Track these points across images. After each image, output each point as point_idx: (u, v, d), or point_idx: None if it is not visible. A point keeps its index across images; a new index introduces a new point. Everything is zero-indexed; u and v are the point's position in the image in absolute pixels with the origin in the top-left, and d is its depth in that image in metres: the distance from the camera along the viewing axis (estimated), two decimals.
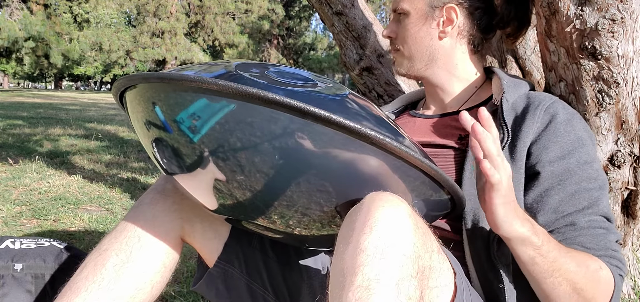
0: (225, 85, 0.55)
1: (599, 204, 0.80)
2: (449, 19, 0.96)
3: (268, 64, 0.72)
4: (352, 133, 0.56)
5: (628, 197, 1.09)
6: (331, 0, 1.61)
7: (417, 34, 0.97)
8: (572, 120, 0.85)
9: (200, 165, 0.63)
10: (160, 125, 0.64)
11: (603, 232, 0.79)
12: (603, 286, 0.75)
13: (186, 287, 1.55)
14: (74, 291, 0.78)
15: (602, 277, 0.75)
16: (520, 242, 0.70)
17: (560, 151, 0.82)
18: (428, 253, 0.60)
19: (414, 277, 0.55)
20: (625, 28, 0.92)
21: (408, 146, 0.60)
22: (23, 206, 2.42)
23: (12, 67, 26.01)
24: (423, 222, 0.61)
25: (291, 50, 27.43)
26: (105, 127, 6.39)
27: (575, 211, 0.79)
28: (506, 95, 0.89)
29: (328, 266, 0.90)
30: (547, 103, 0.86)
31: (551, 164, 0.81)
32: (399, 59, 1.02)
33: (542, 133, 0.83)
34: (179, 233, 0.87)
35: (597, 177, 0.82)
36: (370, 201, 0.59)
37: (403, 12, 0.98)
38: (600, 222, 0.80)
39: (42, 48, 18.78)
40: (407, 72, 1.02)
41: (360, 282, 0.52)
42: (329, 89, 0.67)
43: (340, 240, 0.59)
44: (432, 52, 0.98)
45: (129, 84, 0.67)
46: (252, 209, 0.66)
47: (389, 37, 1.03)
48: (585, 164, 0.81)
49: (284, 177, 0.60)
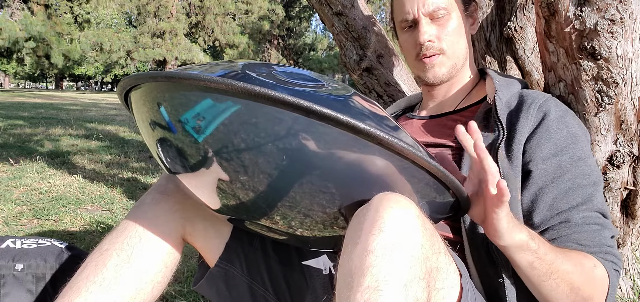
0: (234, 84, 0.55)
1: (593, 200, 0.81)
2: (474, 17, 1.01)
3: (273, 64, 0.72)
4: (362, 134, 0.56)
5: (627, 197, 1.09)
6: (331, 1, 1.61)
7: (461, 31, 0.99)
8: (565, 116, 0.86)
9: (204, 165, 0.63)
10: (164, 126, 0.64)
11: (597, 229, 0.79)
12: (599, 283, 0.75)
13: (187, 287, 1.55)
14: (74, 291, 0.78)
15: (598, 275, 0.76)
16: (519, 249, 0.71)
17: (553, 148, 0.82)
18: (435, 255, 0.60)
19: (421, 278, 0.55)
20: (625, 28, 0.93)
21: (414, 147, 0.60)
22: (24, 205, 2.43)
23: (12, 68, 26.04)
24: (430, 224, 0.61)
25: (291, 51, 27.42)
26: (106, 127, 6.40)
27: (569, 208, 0.80)
28: (499, 94, 0.90)
29: (330, 266, 0.90)
30: (539, 100, 0.87)
31: (544, 162, 0.82)
32: (443, 62, 0.98)
33: (535, 130, 0.84)
34: (180, 233, 0.87)
35: (590, 174, 0.82)
36: (379, 201, 0.59)
37: (447, 12, 0.96)
38: (595, 218, 0.80)
39: (42, 48, 18.77)
40: (449, 74, 1.00)
41: (368, 283, 0.52)
42: (335, 89, 0.67)
43: (348, 240, 0.59)
44: (467, 49, 1.01)
45: (134, 84, 0.67)
46: (255, 210, 0.67)
47: (430, 42, 0.97)
48: (578, 160, 0.82)
49: (288, 178, 0.60)
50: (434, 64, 0.99)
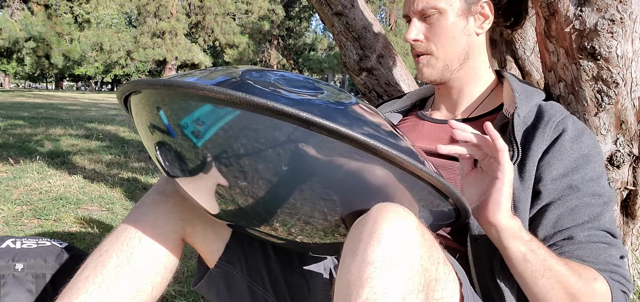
0: (233, 95, 0.55)
1: (601, 219, 0.78)
2: (484, 14, 0.94)
3: (273, 70, 0.72)
4: (360, 145, 0.56)
5: (627, 197, 1.09)
6: (331, 1, 1.61)
7: (456, 32, 0.92)
8: (581, 136, 0.83)
9: (202, 170, 0.63)
10: (163, 129, 0.64)
11: (604, 247, 0.77)
12: (598, 297, 0.72)
13: (186, 287, 1.55)
14: (74, 292, 0.78)
15: (598, 288, 0.73)
16: (512, 235, 0.70)
17: (564, 169, 0.80)
18: (434, 265, 0.59)
19: (420, 290, 0.55)
20: (625, 28, 0.93)
21: (413, 157, 0.60)
22: (24, 205, 2.43)
23: (13, 68, 26.04)
24: (429, 234, 0.61)
25: (291, 51, 27.42)
26: (106, 127, 6.40)
27: (574, 226, 0.78)
28: (518, 110, 0.86)
29: (330, 268, 0.90)
30: (557, 119, 0.85)
31: (553, 182, 0.80)
32: (431, 62, 0.95)
33: (549, 149, 0.82)
34: (180, 234, 0.87)
35: (601, 194, 0.80)
36: (377, 212, 0.58)
37: (438, 12, 0.91)
38: (602, 237, 0.77)
39: (42, 48, 18.77)
40: (439, 77, 0.96)
41: (367, 295, 0.52)
42: (335, 96, 0.66)
43: (347, 251, 0.59)
44: (468, 50, 0.94)
45: (134, 90, 0.67)
46: (254, 216, 0.66)
47: (415, 41, 0.94)
48: (590, 180, 0.80)
49: (287, 185, 0.60)
50: (423, 65, 0.96)
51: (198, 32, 24.01)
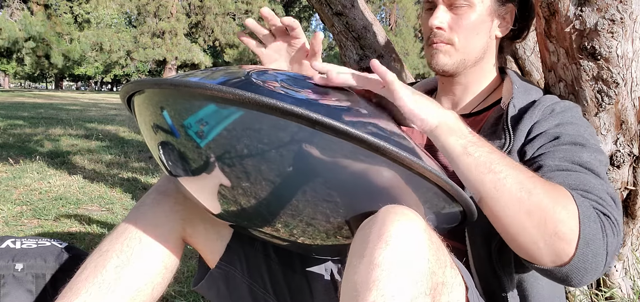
0: (241, 94, 0.55)
1: (581, 158, 0.75)
2: (507, 20, 0.94)
3: (278, 70, 0.72)
4: (368, 146, 0.56)
5: (627, 197, 1.09)
6: (331, 1, 1.61)
7: (480, 28, 0.92)
8: (567, 110, 0.84)
9: (205, 170, 0.63)
10: (167, 129, 0.64)
11: (579, 174, 0.72)
12: (560, 200, 0.65)
13: (187, 287, 1.55)
14: (74, 292, 0.78)
15: (560, 194, 0.66)
16: (448, 131, 0.69)
17: (546, 128, 0.80)
18: (441, 269, 0.59)
19: (427, 294, 0.54)
20: (625, 28, 0.93)
21: (421, 158, 0.60)
22: (24, 205, 2.43)
23: (12, 68, 26.04)
24: (436, 237, 0.61)
25: None
26: (106, 127, 6.40)
27: (545, 156, 0.76)
28: (514, 101, 0.86)
29: (332, 269, 0.90)
30: (547, 103, 0.85)
31: (533, 141, 0.80)
32: (449, 52, 0.92)
33: (535, 124, 0.82)
34: (180, 234, 0.87)
35: (585, 145, 0.77)
36: (385, 214, 0.58)
37: (468, 5, 0.90)
38: (578, 169, 0.73)
39: (42, 48, 18.76)
40: (454, 68, 0.94)
41: (374, 298, 0.52)
42: (341, 97, 0.66)
43: (354, 253, 0.58)
44: (485, 49, 0.94)
45: (138, 89, 0.67)
46: (257, 216, 0.66)
47: (438, 29, 0.92)
48: (573, 135, 0.79)
49: (291, 186, 0.60)
50: (440, 51, 0.93)
51: (198, 32, 24.01)
